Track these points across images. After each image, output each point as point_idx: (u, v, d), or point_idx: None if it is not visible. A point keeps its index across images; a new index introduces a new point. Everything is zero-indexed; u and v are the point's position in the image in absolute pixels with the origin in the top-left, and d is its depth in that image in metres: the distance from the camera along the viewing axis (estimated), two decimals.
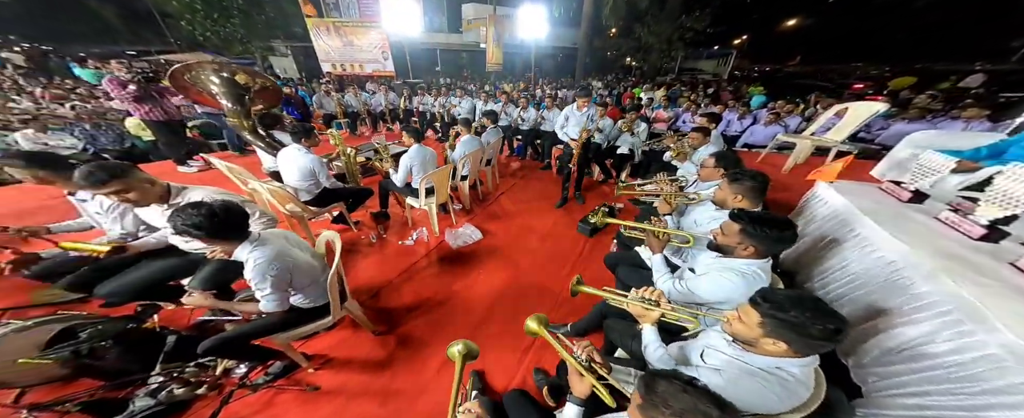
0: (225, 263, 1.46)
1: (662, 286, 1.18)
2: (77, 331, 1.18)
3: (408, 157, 2.36)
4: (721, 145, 2.56)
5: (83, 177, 1.13)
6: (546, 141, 4.32)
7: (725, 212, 1.32)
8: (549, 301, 2.00)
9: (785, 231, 0.96)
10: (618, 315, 1.33)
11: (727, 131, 4.71)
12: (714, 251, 1.11)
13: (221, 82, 2.28)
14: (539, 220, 2.98)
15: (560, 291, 2.06)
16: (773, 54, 21.53)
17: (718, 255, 1.10)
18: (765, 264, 1.02)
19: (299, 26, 11.03)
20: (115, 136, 4.00)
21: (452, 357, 0.90)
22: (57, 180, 1.32)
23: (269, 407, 1.34)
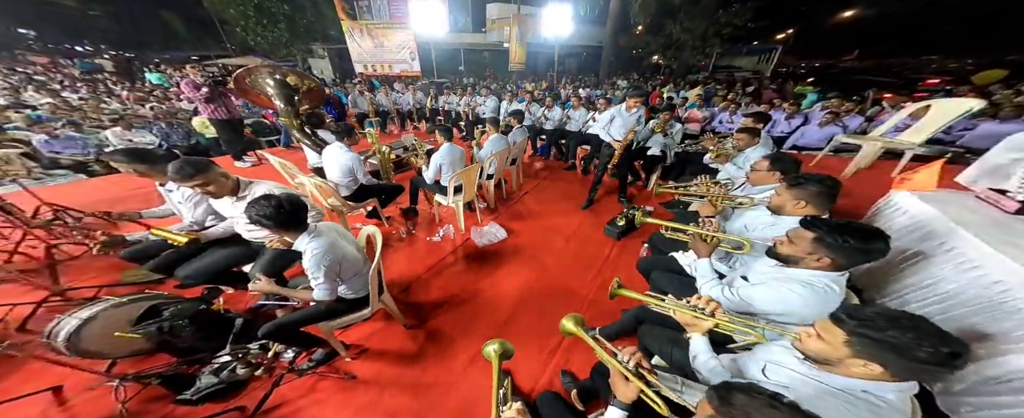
0: (281, 252, 1.58)
1: (710, 293, 1.11)
2: (161, 309, 1.32)
3: (439, 155, 2.42)
4: (770, 147, 2.36)
5: (175, 171, 1.29)
6: (571, 141, 4.26)
7: (782, 219, 1.23)
8: (575, 303, 1.98)
9: (873, 243, 0.84)
10: (656, 321, 1.28)
11: (771, 132, 4.35)
12: (774, 259, 1.02)
13: (275, 84, 2.49)
14: (564, 221, 2.94)
15: (587, 293, 2.04)
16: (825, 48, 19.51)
17: (779, 264, 1.01)
18: (840, 277, 0.91)
19: (335, 29, 11.74)
20: (183, 133, 4.50)
21: (488, 357, 0.90)
22: (152, 173, 1.51)
23: (312, 392, 1.42)
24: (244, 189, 1.47)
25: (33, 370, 1.41)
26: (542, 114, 4.49)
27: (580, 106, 4.35)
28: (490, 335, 1.76)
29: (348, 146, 2.27)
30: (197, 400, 1.26)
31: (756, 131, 2.17)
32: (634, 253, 2.44)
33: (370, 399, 1.41)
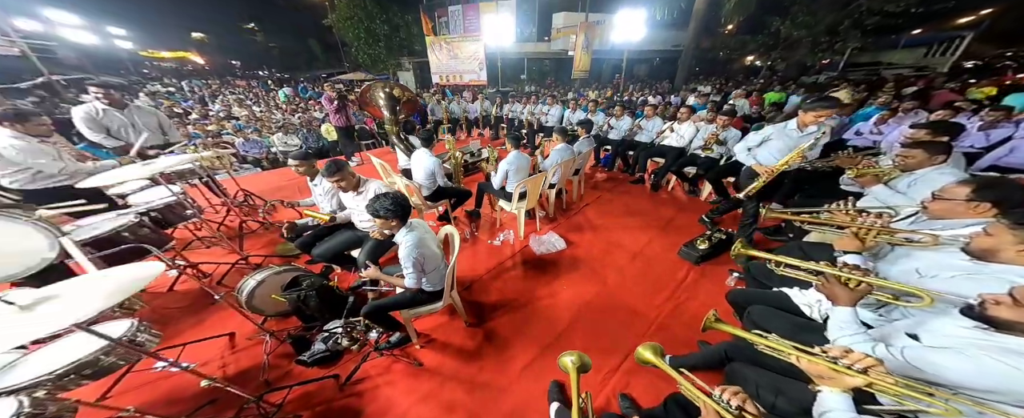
0: (379, 242, 1.88)
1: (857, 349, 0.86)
2: (300, 281, 1.70)
3: (507, 162, 2.52)
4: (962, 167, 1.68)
5: (326, 169, 1.70)
6: (641, 153, 3.89)
7: (988, 267, 0.91)
8: (640, 325, 1.85)
9: None
10: (750, 361, 1.11)
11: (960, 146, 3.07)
12: (977, 321, 0.75)
13: (385, 97, 3.05)
14: (629, 237, 2.74)
15: (654, 316, 1.89)
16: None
17: (984, 327, 0.74)
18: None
19: (419, 45, 13.54)
20: (316, 137, 5.89)
21: (565, 368, 0.88)
22: (309, 169, 1.99)
23: (386, 373, 1.60)
24: (363, 185, 1.83)
25: (222, 316, 1.93)
26: (607, 123, 4.24)
27: (654, 116, 3.95)
28: (546, 343, 1.76)
29: (431, 152, 2.58)
30: (310, 362, 1.57)
31: (941, 146, 1.56)
32: (717, 280, 2.15)
33: (432, 389, 1.54)
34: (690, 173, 3.36)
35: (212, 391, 1.44)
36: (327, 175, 1.71)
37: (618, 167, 4.41)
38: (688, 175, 3.39)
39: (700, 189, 3.50)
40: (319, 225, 1.99)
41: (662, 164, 3.64)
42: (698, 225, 2.85)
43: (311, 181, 2.06)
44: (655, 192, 3.68)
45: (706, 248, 2.33)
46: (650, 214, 3.14)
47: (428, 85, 13.15)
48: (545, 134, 5.11)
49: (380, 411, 1.44)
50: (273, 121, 6.60)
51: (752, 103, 6.10)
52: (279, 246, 2.56)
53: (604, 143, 4.32)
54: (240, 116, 6.72)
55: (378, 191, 1.85)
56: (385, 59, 15.06)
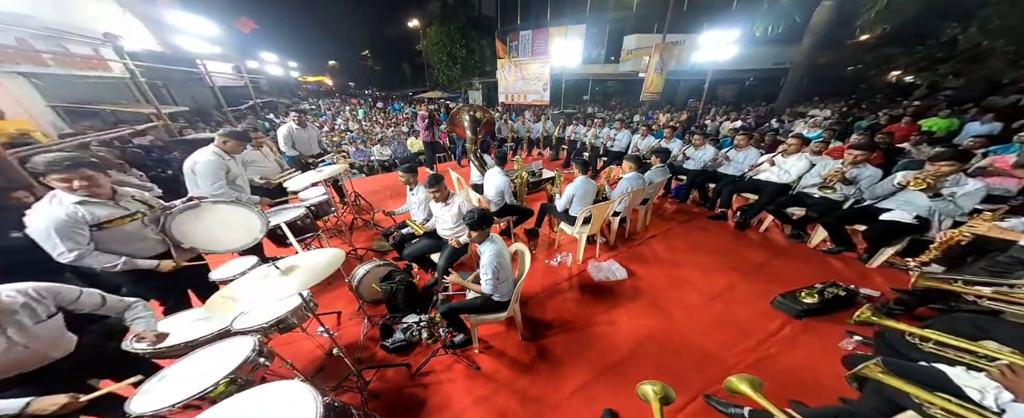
0: (454, 250, 2.16)
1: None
2: (393, 275, 2.07)
3: (574, 187, 2.59)
4: None
5: (428, 181, 2.06)
6: (726, 187, 3.43)
7: None
8: (714, 369, 1.71)
9: None
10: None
11: None
12: None
13: (469, 119, 3.53)
14: (703, 276, 2.50)
15: (733, 364, 1.74)
16: None
17: None
18: None
19: (490, 66, 14.92)
20: (402, 149, 7.06)
21: (645, 397, 0.86)
22: (412, 179, 2.43)
23: (448, 370, 1.76)
24: (450, 198, 2.15)
25: (331, 297, 2.38)
26: (682, 152, 3.90)
27: (748, 146, 3.46)
28: (600, 369, 1.76)
29: (503, 170, 2.84)
30: (391, 348, 1.85)
31: None
32: (825, 339, 1.85)
33: (487, 393, 1.65)
34: (795, 215, 2.83)
35: (325, 359, 1.85)
36: (428, 185, 2.05)
37: (692, 199, 4.01)
38: (791, 217, 2.86)
39: (808, 234, 2.91)
40: (412, 233, 2.37)
41: (754, 201, 3.17)
42: (799, 274, 2.42)
43: (410, 190, 2.50)
44: (741, 231, 3.22)
45: (814, 302, 1.98)
46: (733, 255, 2.79)
47: (493, 104, 14.30)
48: (610, 159, 5.02)
49: (440, 405, 1.59)
50: (374, 134, 8.16)
51: (900, 132, 4.66)
52: (376, 242, 3.12)
53: (678, 172, 4.00)
54: (354, 129, 8.53)
55: (461, 205, 2.14)
56: (460, 79, 17.07)
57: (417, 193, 2.43)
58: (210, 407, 0.96)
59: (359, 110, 14.02)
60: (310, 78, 28.63)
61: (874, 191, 2.35)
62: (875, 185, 2.35)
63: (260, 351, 1.20)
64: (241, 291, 1.10)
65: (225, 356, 1.16)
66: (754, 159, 3.33)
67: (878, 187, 2.33)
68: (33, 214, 1.32)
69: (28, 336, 1.03)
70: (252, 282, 1.15)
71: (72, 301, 1.15)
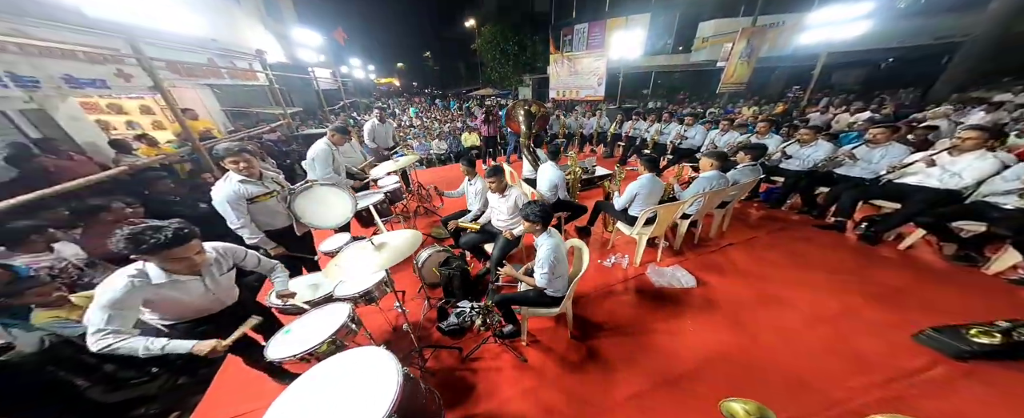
0: (508, 242, 2.19)
1: None
2: (450, 261, 2.21)
3: (639, 185, 2.38)
4: None
5: (489, 171, 2.14)
6: (847, 192, 2.72)
7: None
8: (811, 401, 1.45)
9: None
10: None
11: None
12: None
13: (524, 114, 3.54)
14: (807, 295, 2.10)
15: (841, 399, 1.45)
16: None
17: None
18: None
19: (541, 62, 14.73)
20: (457, 144, 7.53)
21: (731, 415, 0.76)
22: (471, 171, 2.57)
23: (496, 359, 1.79)
24: (507, 190, 2.19)
25: (402, 277, 2.62)
26: (781, 149, 3.21)
27: (889, 141, 2.67)
28: (660, 380, 1.62)
29: (557, 165, 2.76)
30: (445, 331, 1.95)
31: None
32: (1000, 389, 1.41)
33: (532, 386, 1.65)
34: (967, 231, 2.12)
35: (391, 333, 2.06)
36: (488, 175, 2.13)
37: (791, 205, 3.32)
38: (958, 232, 2.14)
39: (986, 257, 2.15)
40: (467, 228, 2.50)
41: (895, 211, 2.46)
42: (965, 306, 1.85)
43: (468, 181, 2.63)
44: (870, 245, 2.56)
45: (992, 343, 1.49)
46: (854, 274, 2.26)
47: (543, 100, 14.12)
48: (677, 157, 4.48)
49: (487, 391, 1.63)
50: (433, 130, 8.89)
51: None
52: (434, 229, 3.40)
53: (773, 173, 3.33)
54: (417, 125, 9.43)
55: (518, 198, 2.16)
56: (511, 76, 17.30)
57: (475, 184, 2.54)
58: (317, 363, 1.16)
59: (411, 108, 15.21)
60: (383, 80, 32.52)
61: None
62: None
63: (353, 317, 1.42)
64: (345, 261, 1.30)
65: (328, 319, 1.40)
66: (899, 157, 2.56)
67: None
68: (215, 190, 1.79)
69: (216, 285, 1.30)
70: (353, 254, 1.34)
71: (241, 259, 1.44)
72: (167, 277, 1.14)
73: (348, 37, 14.06)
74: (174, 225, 1.08)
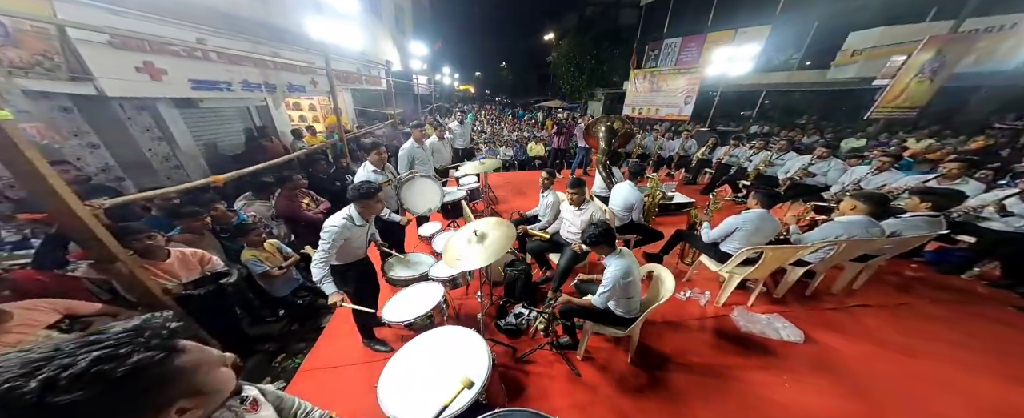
0: (575, 254, 2.17)
1: None
2: (515, 264, 2.34)
3: (743, 220, 2.09)
4: None
5: (570, 183, 2.20)
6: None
7: None
8: None
9: None
10: None
11: None
12: None
13: (605, 130, 3.52)
14: (977, 382, 1.63)
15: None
16: None
17: None
18: None
19: (617, 76, 14.08)
20: (522, 152, 7.88)
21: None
22: (548, 182, 2.69)
23: (549, 367, 1.80)
24: (584, 204, 2.20)
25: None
26: (996, 203, 2.26)
27: None
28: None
29: (636, 185, 2.63)
30: (502, 328, 2.05)
31: None
32: None
33: (585, 400, 1.61)
34: None
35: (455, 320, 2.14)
36: (570, 187, 2.20)
37: (983, 274, 2.45)
38: None
39: None
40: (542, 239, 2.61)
41: None
42: None
43: (543, 192, 2.74)
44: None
45: None
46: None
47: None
48: (790, 194, 3.63)
49: (537, 396, 1.65)
50: (502, 137, 9.51)
51: None
52: None
53: (963, 231, 2.45)
54: (488, 131, 10.25)
55: (594, 214, 2.15)
56: (583, 90, 17.08)
57: (547, 197, 2.63)
58: (416, 335, 1.38)
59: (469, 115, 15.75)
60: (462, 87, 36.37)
61: None
62: None
63: (445, 299, 1.67)
64: (455, 245, 1.55)
65: (424, 296, 1.67)
66: None
67: None
68: (357, 175, 2.33)
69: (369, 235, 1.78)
70: (459, 239, 1.58)
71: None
72: (361, 220, 1.59)
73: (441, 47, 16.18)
74: (376, 184, 1.64)
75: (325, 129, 6.13)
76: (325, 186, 3.38)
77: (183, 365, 0.44)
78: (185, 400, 0.44)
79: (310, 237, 2.36)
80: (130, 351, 0.39)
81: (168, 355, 0.42)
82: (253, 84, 4.48)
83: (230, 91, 4.17)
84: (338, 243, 1.55)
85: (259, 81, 4.56)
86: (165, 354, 0.42)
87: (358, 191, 1.56)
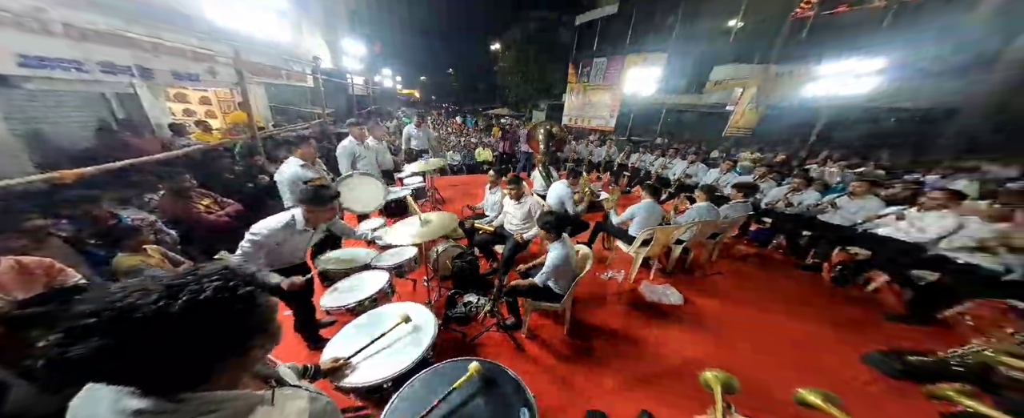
0: (517, 244, 2.47)
1: None
2: (465, 256, 2.50)
3: (638, 208, 2.70)
4: None
5: (510, 181, 2.47)
6: (824, 238, 3.03)
7: None
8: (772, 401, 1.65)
9: None
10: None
11: None
12: None
13: (544, 133, 3.98)
14: (781, 320, 2.41)
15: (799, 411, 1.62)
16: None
17: None
18: None
19: (558, 89, 15.59)
20: (470, 157, 8.03)
21: (706, 383, 0.94)
22: (495, 180, 2.92)
23: (496, 346, 2.00)
24: (523, 198, 2.51)
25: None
26: (784, 197, 3.45)
27: (867, 194, 3.01)
28: (645, 377, 1.85)
29: (568, 184, 3.11)
30: (452, 317, 2.16)
31: None
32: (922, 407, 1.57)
33: (527, 370, 1.85)
34: (923, 279, 2.35)
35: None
36: (509, 183, 2.46)
37: (777, 245, 3.60)
38: (918, 281, 2.38)
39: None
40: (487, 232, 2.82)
41: (864, 257, 2.74)
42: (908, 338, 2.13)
43: (490, 189, 2.97)
44: (839, 286, 2.81)
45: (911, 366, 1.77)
46: (824, 308, 2.56)
47: None
48: (677, 191, 4.82)
49: None
50: (449, 143, 9.47)
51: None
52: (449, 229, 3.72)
53: (763, 215, 3.63)
54: (433, 137, 9.99)
55: (532, 206, 2.48)
56: (528, 99, 18.35)
57: (495, 194, 2.88)
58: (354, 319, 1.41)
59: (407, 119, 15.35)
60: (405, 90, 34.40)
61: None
62: None
63: (390, 284, 1.72)
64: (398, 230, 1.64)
65: (368, 283, 1.68)
66: (873, 210, 2.88)
67: None
68: (279, 172, 2.15)
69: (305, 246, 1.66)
70: (404, 225, 1.67)
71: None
72: (304, 225, 1.49)
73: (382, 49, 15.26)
74: (333, 190, 1.55)
75: (228, 126, 5.13)
76: (234, 187, 2.92)
77: (264, 304, 0.50)
78: (260, 337, 0.49)
79: (212, 243, 2.10)
80: (236, 285, 0.46)
81: (259, 293, 0.49)
82: (120, 67, 3.51)
83: (83, 72, 3.19)
84: (265, 246, 1.44)
85: (128, 64, 3.61)
86: (254, 293, 0.48)
87: (309, 194, 1.44)
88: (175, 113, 5.03)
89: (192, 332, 0.41)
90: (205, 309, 0.42)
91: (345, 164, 2.90)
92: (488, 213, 2.91)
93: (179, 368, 0.42)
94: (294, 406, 0.54)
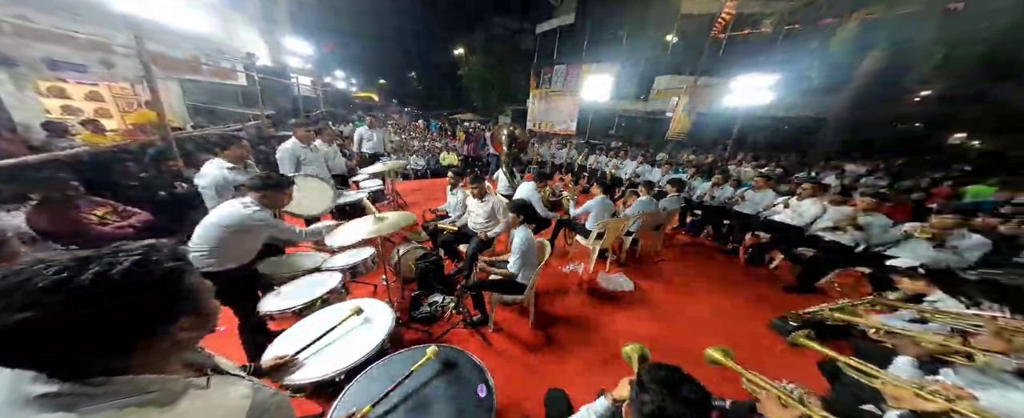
0: (481, 242, 2.53)
1: None
2: (428, 256, 2.46)
3: (594, 203, 2.96)
4: None
5: (473, 180, 2.51)
6: (738, 225, 3.66)
7: None
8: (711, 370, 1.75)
9: None
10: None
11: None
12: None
13: (507, 135, 4.10)
14: (708, 298, 2.79)
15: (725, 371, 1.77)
16: None
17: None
18: None
19: (521, 94, 16.04)
20: (435, 161, 7.86)
21: (627, 356, 1.13)
22: (456, 181, 2.92)
23: (464, 342, 2.01)
24: (486, 197, 2.57)
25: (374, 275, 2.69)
26: (709, 193, 4.08)
27: (765, 187, 3.71)
28: (604, 360, 2.00)
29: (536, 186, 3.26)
30: (417, 318, 2.16)
31: None
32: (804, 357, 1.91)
33: (496, 364, 1.89)
34: (805, 255, 2.96)
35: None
36: (472, 182, 2.51)
37: (706, 234, 4.20)
38: (802, 256, 2.98)
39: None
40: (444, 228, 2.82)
41: (766, 240, 3.34)
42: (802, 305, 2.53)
43: (451, 190, 2.98)
44: (752, 266, 3.37)
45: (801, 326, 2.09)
46: (740, 284, 3.00)
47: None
48: (627, 189, 5.40)
49: None
50: (411, 147, 9.16)
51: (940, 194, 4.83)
52: (412, 233, 3.59)
53: (695, 208, 4.23)
54: (394, 141, 9.57)
55: (495, 205, 2.56)
56: (493, 104, 18.60)
57: (457, 194, 2.90)
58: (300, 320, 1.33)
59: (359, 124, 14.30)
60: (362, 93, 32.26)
61: (882, 238, 2.47)
62: (884, 233, 2.48)
63: (344, 284, 1.64)
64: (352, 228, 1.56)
65: (319, 285, 1.58)
66: (770, 200, 3.54)
67: (887, 235, 2.46)
68: (200, 175, 1.90)
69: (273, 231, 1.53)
70: (359, 224, 1.60)
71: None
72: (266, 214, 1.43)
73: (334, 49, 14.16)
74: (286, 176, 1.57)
75: (129, 126, 4.30)
76: (140, 196, 2.48)
77: (193, 283, 0.49)
78: (187, 318, 0.47)
79: None
80: (158, 260, 0.44)
81: (185, 270, 0.48)
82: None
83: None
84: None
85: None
86: (182, 268, 0.47)
87: (265, 180, 1.45)
88: (50, 111, 4.08)
89: (104, 306, 0.38)
90: (120, 282, 0.40)
91: (288, 168, 2.66)
92: (452, 212, 2.92)
93: (89, 346, 0.38)
94: (235, 391, 0.51)
